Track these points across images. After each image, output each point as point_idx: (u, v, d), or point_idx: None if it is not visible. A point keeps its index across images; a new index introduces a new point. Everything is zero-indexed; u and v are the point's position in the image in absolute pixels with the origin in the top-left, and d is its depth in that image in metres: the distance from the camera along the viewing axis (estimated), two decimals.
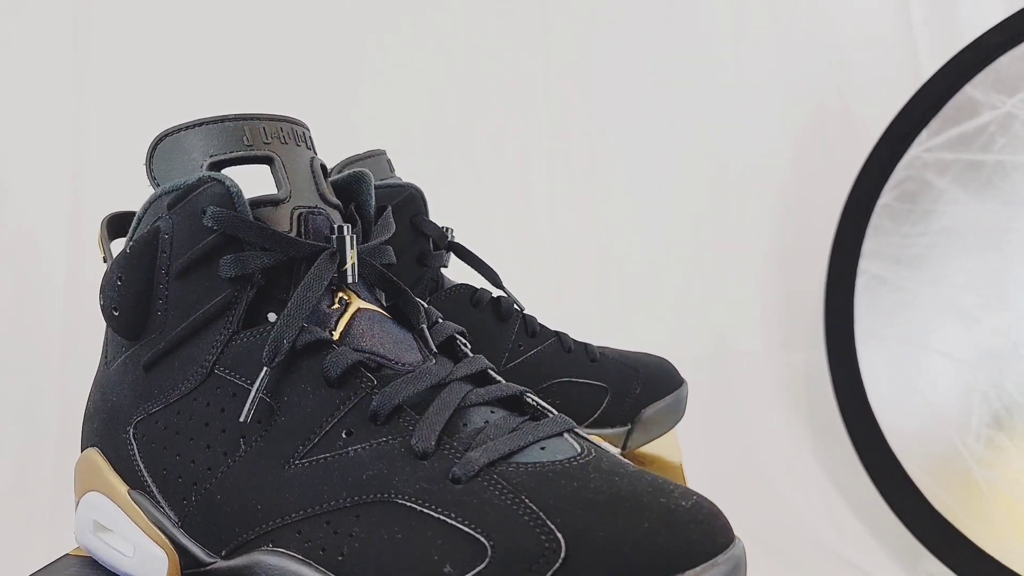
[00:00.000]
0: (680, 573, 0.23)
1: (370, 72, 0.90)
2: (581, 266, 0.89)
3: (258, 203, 0.30)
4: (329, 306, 0.30)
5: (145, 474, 0.30)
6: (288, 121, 0.33)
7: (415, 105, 0.89)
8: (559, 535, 0.24)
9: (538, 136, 0.90)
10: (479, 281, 0.49)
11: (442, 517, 0.25)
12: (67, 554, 0.35)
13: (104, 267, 0.34)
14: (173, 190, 0.30)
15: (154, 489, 0.30)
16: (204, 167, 0.30)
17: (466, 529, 0.25)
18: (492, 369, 0.31)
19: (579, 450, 0.27)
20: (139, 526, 0.30)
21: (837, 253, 0.83)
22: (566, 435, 0.28)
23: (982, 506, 0.70)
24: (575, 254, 0.89)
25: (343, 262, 0.30)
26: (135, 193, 0.41)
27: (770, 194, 0.92)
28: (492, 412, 0.29)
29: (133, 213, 0.36)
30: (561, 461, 0.26)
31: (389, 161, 0.51)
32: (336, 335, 0.30)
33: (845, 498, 0.83)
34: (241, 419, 0.28)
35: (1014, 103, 0.73)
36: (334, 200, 0.32)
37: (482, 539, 0.24)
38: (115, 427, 0.32)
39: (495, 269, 0.49)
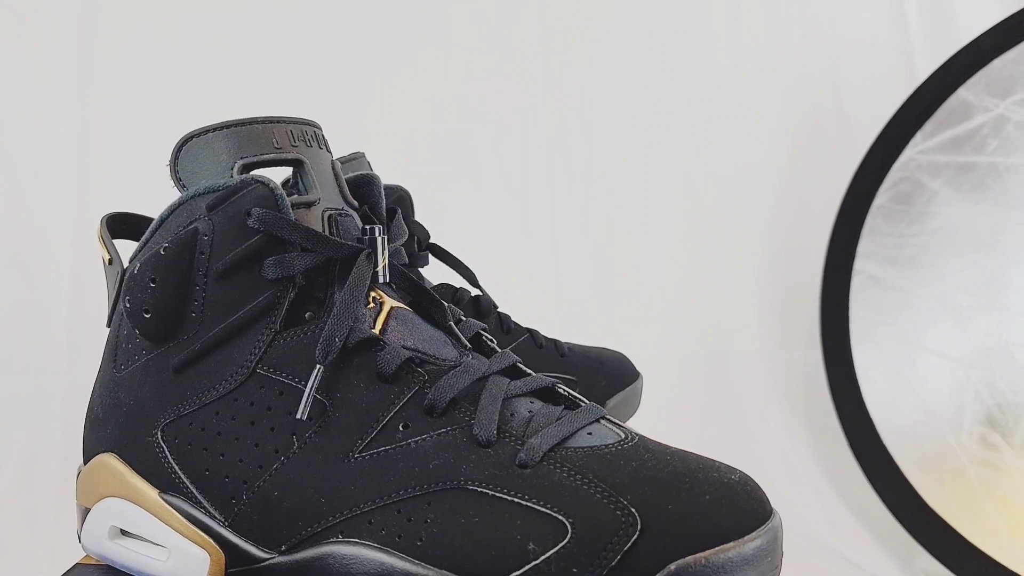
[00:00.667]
0: (740, 538, 0.25)
1: (368, 72, 0.90)
2: (580, 266, 0.90)
3: (293, 205, 0.31)
4: (365, 305, 0.31)
5: (181, 476, 0.30)
6: (308, 124, 0.33)
7: (414, 108, 0.90)
8: (633, 510, 0.26)
9: (537, 135, 0.91)
10: (458, 280, 0.51)
11: (517, 500, 0.26)
12: (78, 563, 0.35)
13: (108, 268, 0.34)
14: (210, 191, 0.30)
15: (193, 490, 0.30)
16: (236, 170, 0.30)
17: (543, 509, 0.26)
18: (520, 363, 0.32)
19: (623, 435, 0.29)
20: (175, 528, 0.30)
21: (833, 253, 0.84)
22: (602, 421, 0.30)
23: (975, 503, 0.71)
24: (574, 254, 0.90)
25: (376, 263, 0.31)
26: (138, 194, 0.42)
27: (767, 195, 0.92)
28: (532, 403, 0.30)
29: (134, 215, 0.37)
30: (611, 445, 0.28)
31: (369, 164, 0.52)
32: (376, 333, 0.30)
33: (840, 494, 0.84)
34: (298, 416, 0.28)
35: (1007, 106, 0.74)
36: (353, 202, 0.33)
37: (560, 517, 0.26)
38: (137, 431, 0.31)
39: (493, 270, 0.50)
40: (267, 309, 0.30)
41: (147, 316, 0.31)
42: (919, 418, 0.76)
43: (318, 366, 0.28)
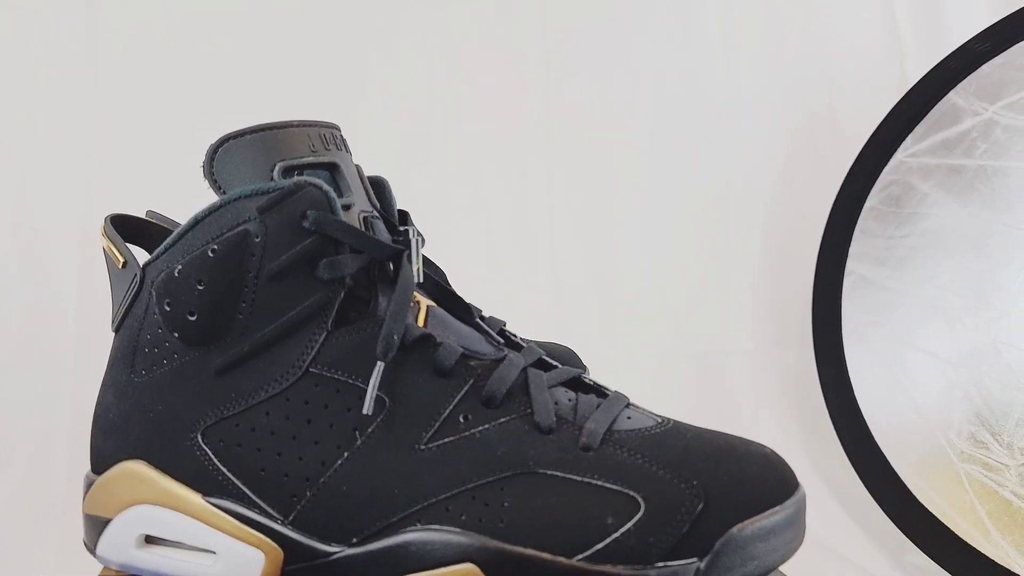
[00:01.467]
0: (783, 503, 0.29)
1: (365, 73, 0.91)
2: (578, 268, 0.91)
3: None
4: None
5: (231, 477, 0.30)
6: (333, 126, 0.34)
7: (411, 112, 0.90)
8: (695, 483, 0.28)
9: (536, 140, 0.92)
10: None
11: (587, 480, 0.29)
12: None
13: (119, 271, 0.33)
14: (259, 194, 0.30)
15: (247, 491, 0.30)
16: (277, 172, 0.31)
17: (615, 487, 0.28)
18: (544, 356, 0.34)
19: (658, 419, 0.32)
20: (225, 531, 0.30)
21: (825, 255, 0.84)
22: (630, 407, 0.32)
23: (964, 499, 0.71)
24: (572, 257, 0.91)
25: (412, 263, 0.32)
26: (144, 196, 0.43)
27: (760, 197, 0.93)
28: (567, 392, 0.32)
29: (134, 217, 0.37)
30: (651, 427, 0.31)
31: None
32: (428, 331, 0.32)
33: (832, 491, 0.84)
34: (365, 411, 0.29)
35: (995, 110, 0.75)
36: (376, 204, 0.35)
37: (632, 493, 0.28)
38: (171, 435, 0.31)
39: (493, 271, 0.51)
40: (319, 309, 0.30)
41: (192, 319, 0.30)
42: (910, 416, 0.76)
43: (379, 363, 0.29)
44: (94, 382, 0.46)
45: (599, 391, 0.33)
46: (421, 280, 0.33)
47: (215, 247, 0.30)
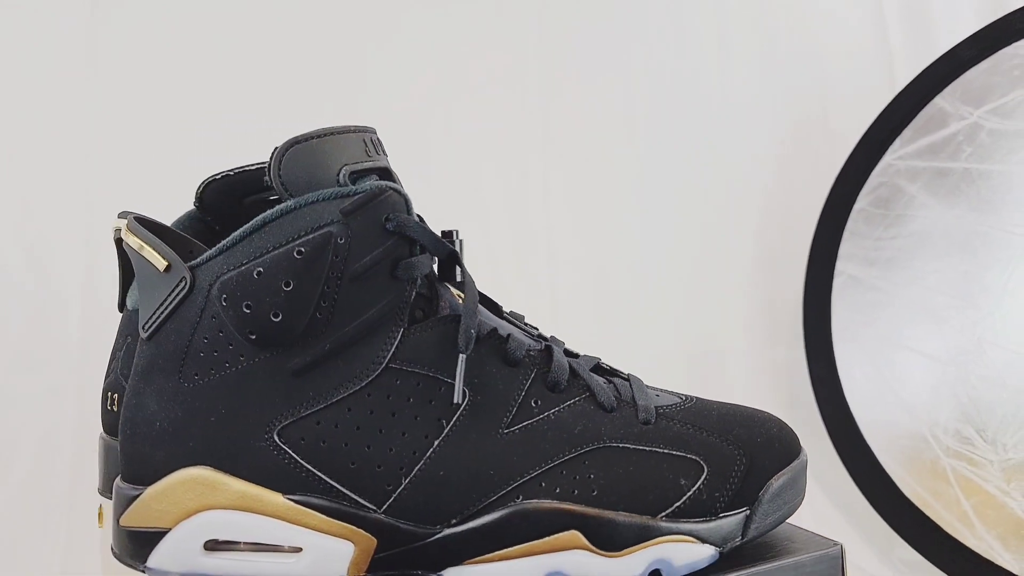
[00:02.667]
0: (798, 455, 0.36)
1: (364, 74, 0.92)
2: (576, 270, 0.92)
3: None
4: None
5: (318, 473, 0.31)
6: (375, 131, 0.36)
7: (410, 112, 0.91)
8: (740, 444, 0.34)
9: (533, 141, 0.93)
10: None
11: (655, 449, 0.33)
12: None
13: (160, 276, 0.31)
14: (341, 196, 0.31)
15: (336, 485, 0.31)
16: (344, 176, 0.32)
17: (679, 454, 0.34)
18: (565, 345, 0.37)
19: (679, 395, 0.37)
20: (311, 527, 0.31)
21: (815, 255, 0.86)
22: (647, 386, 0.36)
23: (950, 493, 0.73)
24: (569, 259, 0.92)
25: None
26: (149, 194, 0.44)
27: (753, 200, 0.95)
28: (598, 376, 0.36)
29: (157, 222, 0.38)
30: (681, 402, 0.36)
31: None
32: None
33: (822, 486, 0.86)
34: (456, 401, 0.31)
35: (980, 114, 0.76)
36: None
37: (695, 458, 0.34)
38: (241, 438, 0.31)
39: (490, 270, 0.53)
40: (395, 308, 0.32)
41: (275, 320, 0.30)
42: (897, 413, 0.78)
43: (462, 356, 0.31)
44: (96, 381, 0.47)
45: (617, 374, 0.37)
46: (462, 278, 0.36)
47: (301, 248, 0.30)
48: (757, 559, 0.36)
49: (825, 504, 0.85)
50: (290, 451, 0.31)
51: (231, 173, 0.41)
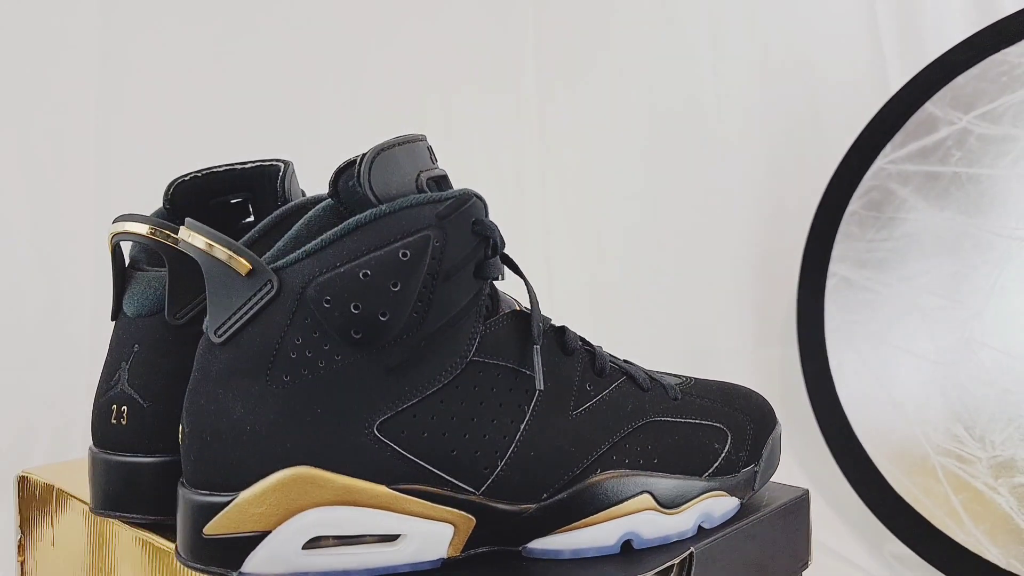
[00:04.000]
0: (777, 421, 0.43)
1: (363, 74, 0.93)
2: (573, 270, 0.93)
3: None
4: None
5: (421, 463, 0.33)
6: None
7: (410, 113, 0.93)
8: (744, 412, 0.41)
9: (531, 146, 0.94)
10: None
11: (689, 421, 0.39)
12: None
13: (241, 279, 0.30)
14: (435, 202, 0.33)
15: (438, 472, 0.33)
16: (423, 182, 0.34)
17: (709, 423, 0.39)
18: None
19: (678, 375, 0.42)
20: (414, 513, 0.32)
21: (809, 257, 0.87)
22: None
23: (939, 490, 0.74)
24: (566, 259, 0.93)
25: None
26: (158, 196, 0.45)
27: (748, 203, 0.96)
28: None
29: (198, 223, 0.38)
30: (688, 380, 0.42)
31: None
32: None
33: (815, 483, 0.87)
34: (540, 388, 0.34)
35: (969, 119, 0.77)
36: None
37: (719, 426, 0.40)
38: (342, 435, 0.31)
39: None
40: (475, 306, 0.34)
41: (383, 319, 0.31)
42: (889, 411, 0.79)
43: (536, 347, 0.34)
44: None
45: (625, 361, 0.41)
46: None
47: (406, 251, 0.32)
48: (760, 508, 0.43)
49: (818, 500, 0.86)
50: (392, 444, 0.32)
51: (199, 175, 0.41)
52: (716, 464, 0.39)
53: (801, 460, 0.89)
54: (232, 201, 0.43)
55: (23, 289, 0.81)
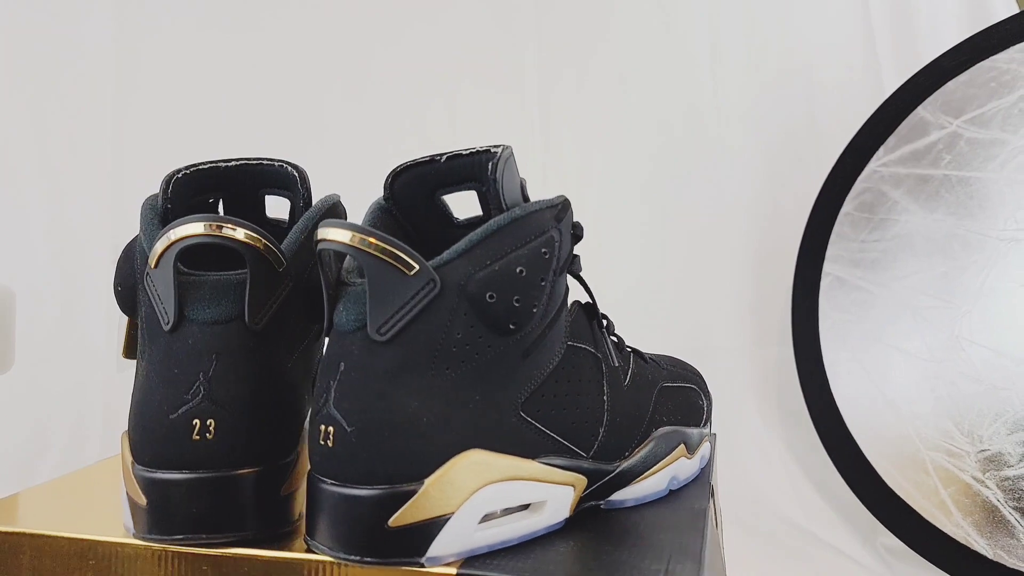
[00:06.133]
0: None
1: (366, 76, 0.95)
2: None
3: None
4: None
5: (555, 436, 0.37)
6: None
7: (409, 114, 0.94)
8: (697, 377, 0.48)
9: (532, 147, 0.96)
10: None
11: (679, 385, 0.45)
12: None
13: (407, 278, 0.31)
14: (552, 207, 0.36)
15: (566, 443, 0.37)
16: (525, 187, 0.38)
17: (688, 386, 0.46)
18: None
19: (641, 355, 0.47)
20: (554, 481, 0.36)
21: (804, 257, 0.89)
22: None
23: (928, 483, 0.76)
24: None
25: None
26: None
27: (745, 205, 0.98)
28: None
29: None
30: (656, 356, 0.47)
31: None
32: None
33: (809, 477, 0.89)
34: (615, 365, 0.40)
35: (959, 124, 0.79)
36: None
37: (696, 388, 0.47)
38: (497, 418, 0.34)
39: None
40: (567, 296, 0.38)
41: (535, 311, 0.35)
42: (880, 407, 0.81)
43: (603, 331, 0.41)
44: (121, 377, 0.50)
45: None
46: None
47: (545, 250, 0.35)
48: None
49: (812, 493, 0.88)
50: (534, 422, 0.36)
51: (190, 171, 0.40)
52: (704, 416, 0.47)
53: (796, 455, 0.91)
54: (211, 201, 0.42)
55: (40, 288, 0.82)
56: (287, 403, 0.36)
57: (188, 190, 0.40)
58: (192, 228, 0.34)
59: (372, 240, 0.31)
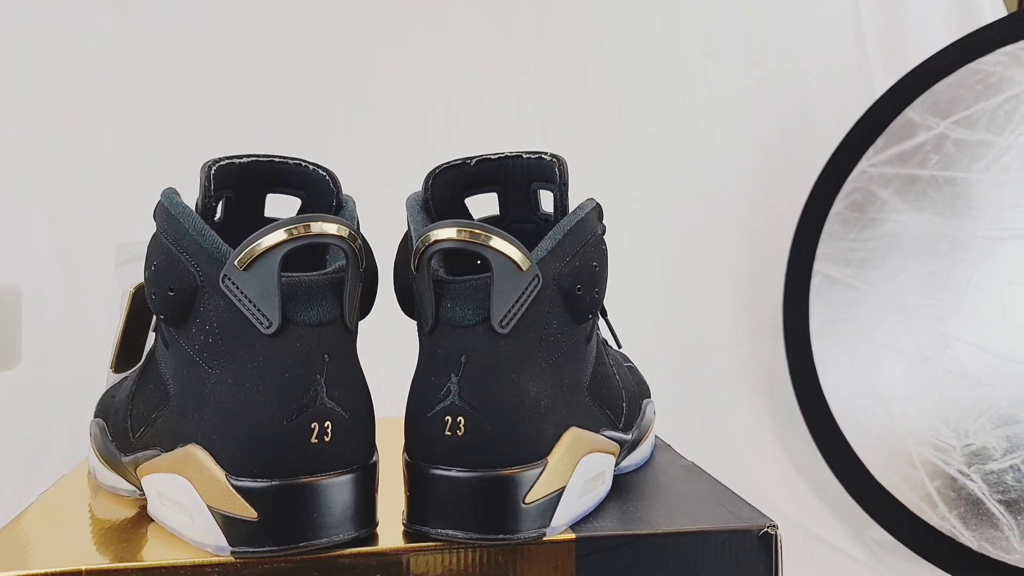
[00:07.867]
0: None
1: (368, 78, 0.96)
2: None
3: None
4: None
5: (607, 411, 0.41)
6: None
7: (409, 115, 0.95)
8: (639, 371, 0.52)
9: (530, 145, 0.97)
10: None
11: (628, 364, 0.49)
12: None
13: (520, 274, 0.34)
14: (596, 207, 0.40)
15: (610, 415, 0.41)
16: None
17: (629, 364, 0.49)
18: None
19: None
20: (606, 452, 0.41)
21: (795, 256, 0.90)
22: None
23: (916, 477, 0.77)
24: None
25: None
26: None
27: (737, 204, 0.99)
28: None
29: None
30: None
31: None
32: None
33: (800, 472, 0.90)
34: (620, 347, 0.47)
35: (946, 125, 0.81)
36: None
37: (631, 364, 0.50)
38: (578, 397, 0.38)
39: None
40: None
41: (602, 301, 0.39)
42: (870, 403, 0.82)
43: (607, 316, 0.45)
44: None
45: None
46: None
47: (602, 246, 0.40)
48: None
49: (802, 487, 0.89)
50: (596, 400, 0.40)
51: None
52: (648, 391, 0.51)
53: (787, 450, 0.93)
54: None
55: (42, 288, 0.83)
56: (371, 403, 0.37)
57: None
58: (328, 227, 0.33)
59: (499, 239, 0.34)
